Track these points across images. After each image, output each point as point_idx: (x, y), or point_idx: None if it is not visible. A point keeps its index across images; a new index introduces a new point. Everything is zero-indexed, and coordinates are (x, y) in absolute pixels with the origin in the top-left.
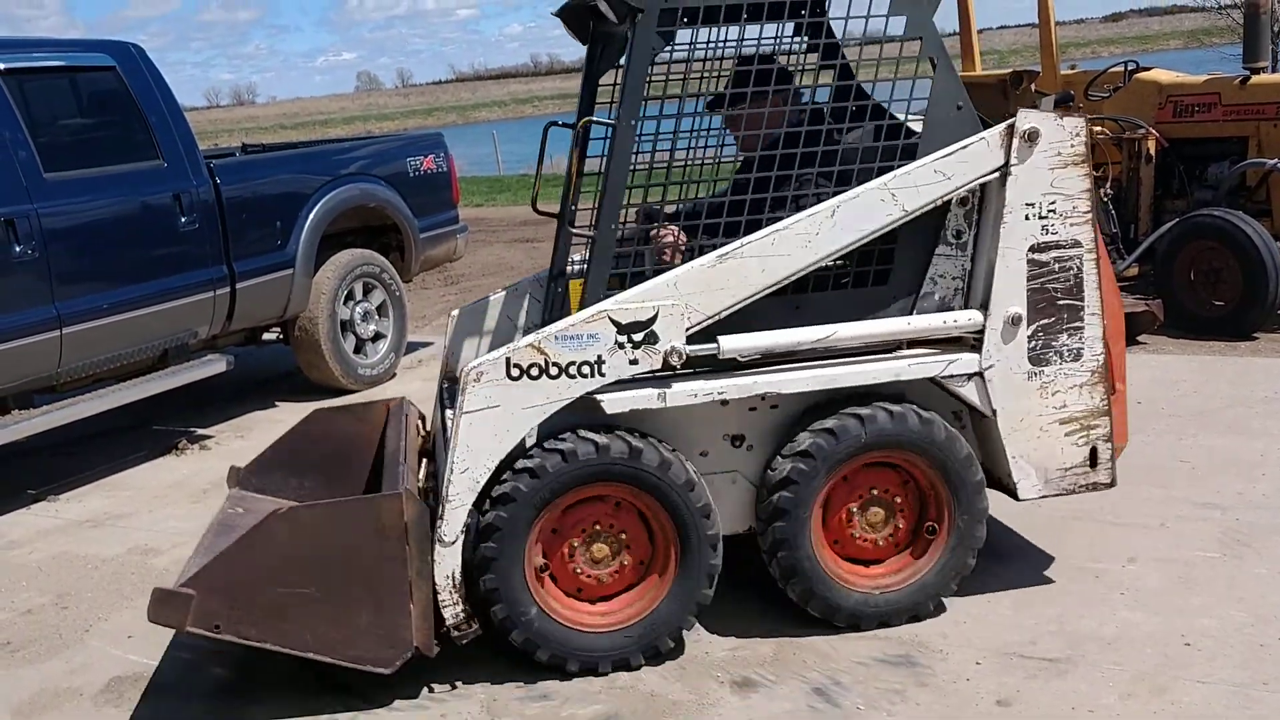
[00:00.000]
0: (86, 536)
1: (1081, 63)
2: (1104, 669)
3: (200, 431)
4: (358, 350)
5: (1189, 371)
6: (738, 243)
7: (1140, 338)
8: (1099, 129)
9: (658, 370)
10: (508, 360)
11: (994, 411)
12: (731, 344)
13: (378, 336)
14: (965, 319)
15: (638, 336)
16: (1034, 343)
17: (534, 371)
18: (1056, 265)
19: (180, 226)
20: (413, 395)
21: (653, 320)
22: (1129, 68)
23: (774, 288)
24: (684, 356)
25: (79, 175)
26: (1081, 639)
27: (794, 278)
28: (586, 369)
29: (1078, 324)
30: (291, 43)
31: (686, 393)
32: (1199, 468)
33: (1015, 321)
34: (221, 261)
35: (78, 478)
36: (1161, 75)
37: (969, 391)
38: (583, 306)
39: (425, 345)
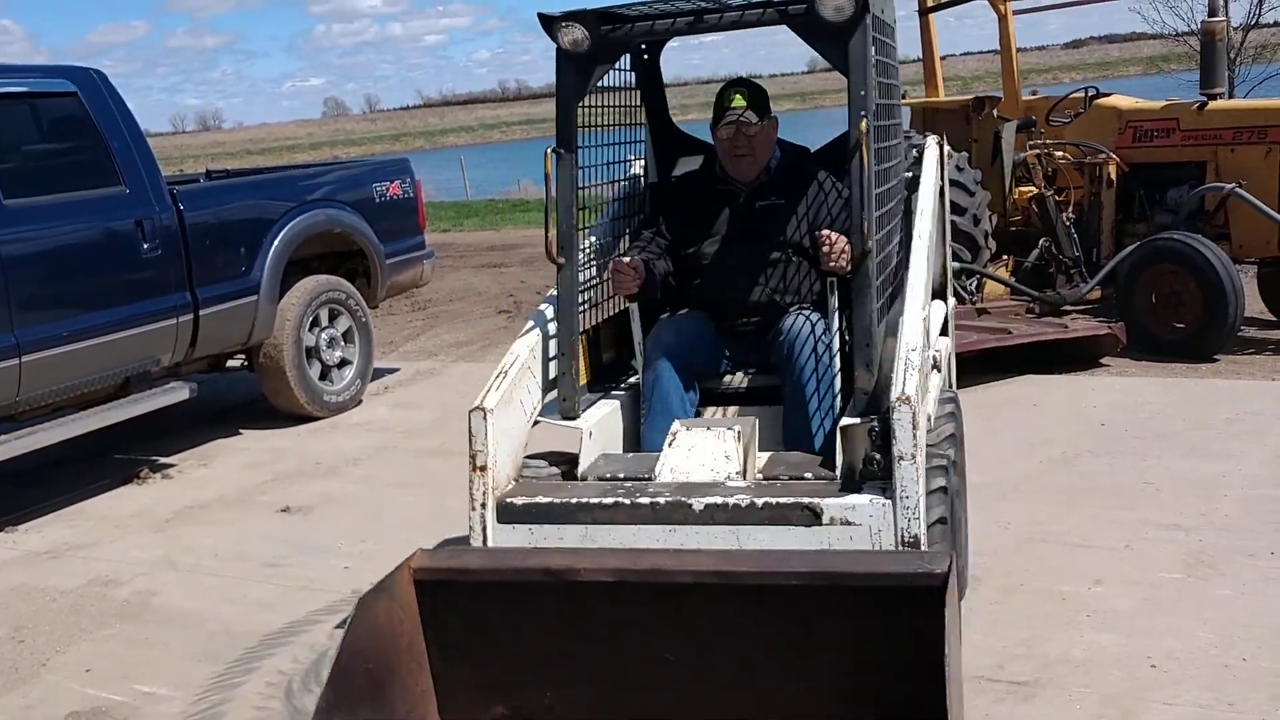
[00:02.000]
0: (45, 568)
1: (1043, 88)
2: (1072, 692)
3: (163, 460)
4: (323, 377)
5: (1152, 394)
6: None
7: (1103, 360)
8: (1061, 154)
9: None
10: None
11: None
12: None
13: (344, 363)
14: None
15: None
16: None
17: None
18: None
19: (143, 253)
20: (378, 423)
21: None
22: (1089, 93)
23: None
24: None
25: (40, 202)
26: (1050, 662)
27: None
28: None
29: None
30: (259, 68)
31: None
32: (1163, 489)
33: None
34: (185, 288)
35: (37, 507)
36: (1121, 101)
37: None
38: None
39: (392, 371)
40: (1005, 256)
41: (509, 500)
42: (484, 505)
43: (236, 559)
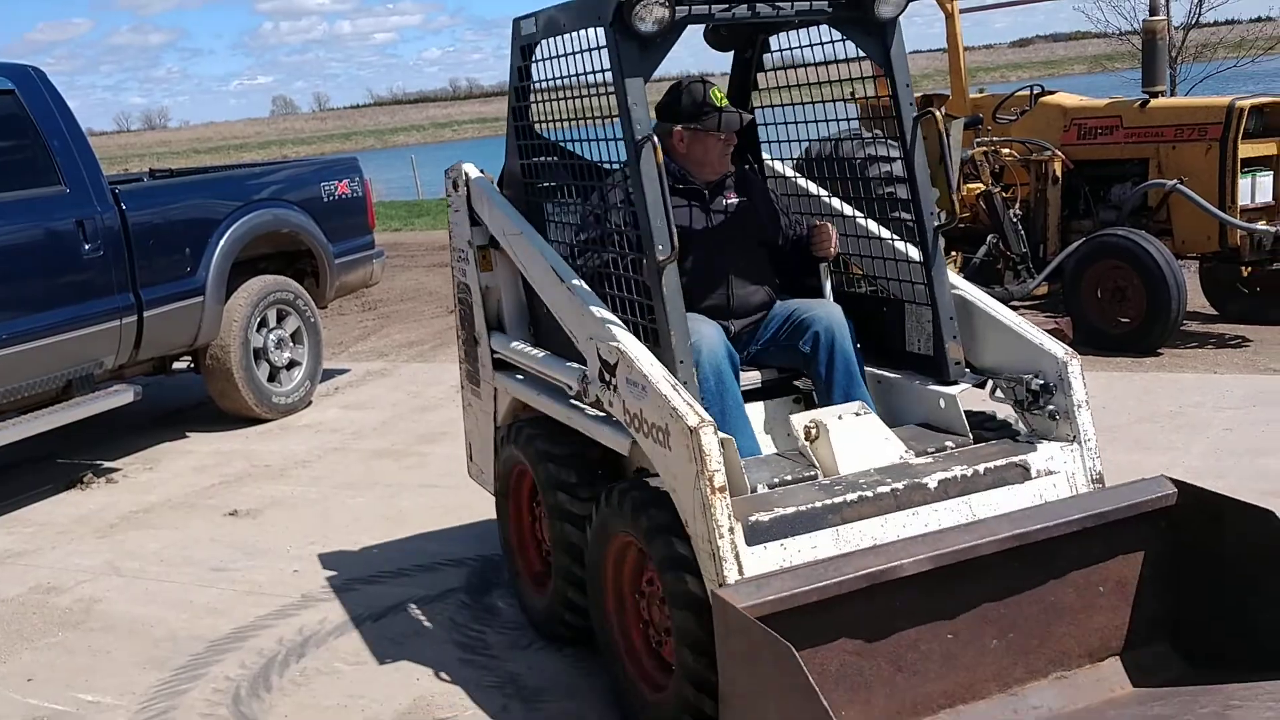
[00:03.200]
0: None
1: (990, 87)
2: None
3: (107, 464)
4: (272, 378)
5: (1097, 388)
6: None
7: None
8: (1007, 151)
9: None
10: None
11: None
12: None
13: (292, 364)
14: None
15: None
16: None
17: None
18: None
19: (84, 254)
20: (328, 424)
21: None
22: (1035, 92)
23: None
24: None
25: None
26: None
27: None
28: None
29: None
30: (205, 66)
31: None
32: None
33: None
34: (128, 289)
35: None
36: (1066, 99)
37: None
38: None
39: (342, 372)
40: (953, 253)
41: (756, 519)
42: (732, 529)
43: (182, 564)
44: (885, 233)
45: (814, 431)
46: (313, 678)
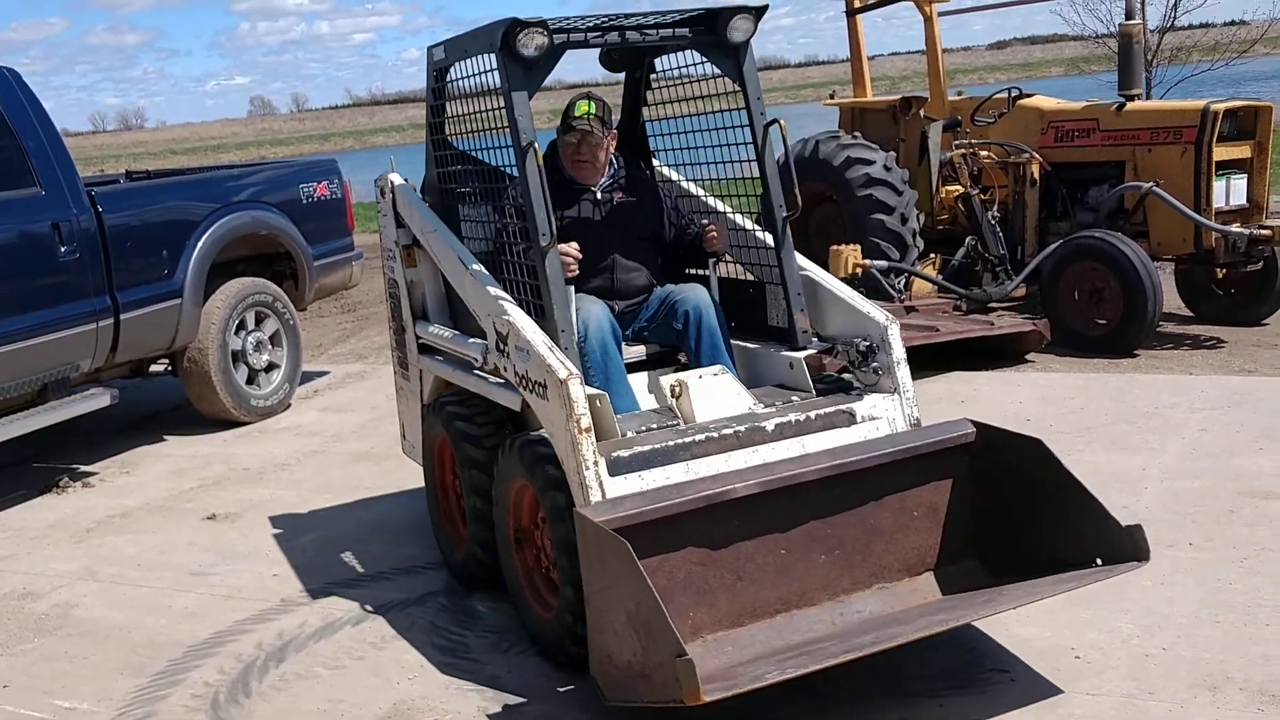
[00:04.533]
0: None
1: (968, 89)
2: (998, 685)
3: (83, 468)
4: (250, 381)
5: (1074, 389)
6: None
7: (1028, 356)
8: (985, 153)
9: None
10: None
11: None
12: None
13: (271, 367)
14: None
15: None
16: None
17: None
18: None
19: (60, 256)
20: (308, 427)
21: None
22: (1013, 94)
23: None
24: None
25: None
26: (977, 656)
27: None
28: None
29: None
30: (182, 66)
31: None
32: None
33: None
34: (104, 292)
35: None
36: (1043, 102)
37: None
38: None
39: (321, 374)
40: (932, 255)
41: (617, 454)
42: (595, 463)
43: (160, 568)
44: (749, 224)
45: (677, 390)
46: (292, 682)
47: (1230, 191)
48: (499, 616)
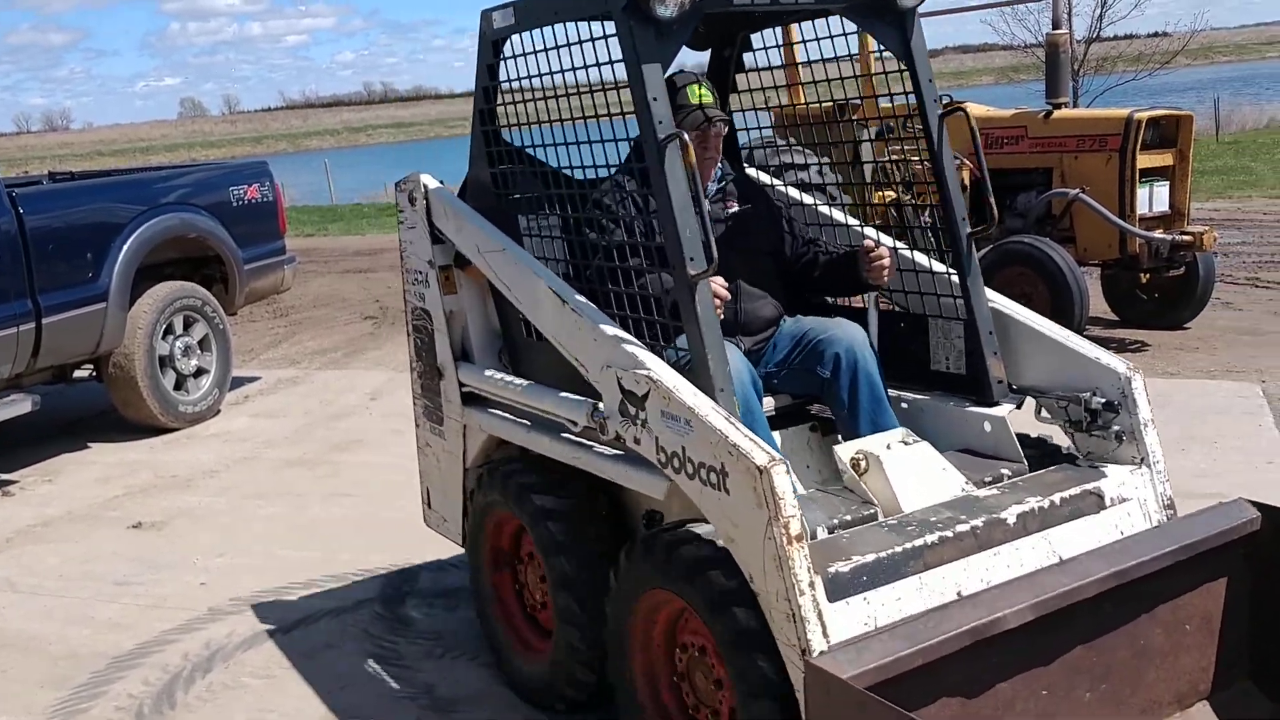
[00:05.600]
0: None
1: (900, 96)
2: None
3: (3, 476)
4: (178, 387)
5: None
6: None
7: None
8: (917, 160)
9: None
10: None
11: None
12: None
13: (200, 372)
14: None
15: None
16: None
17: None
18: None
19: None
20: (237, 433)
21: None
22: (944, 101)
23: None
24: None
25: None
26: None
27: None
28: None
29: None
30: (110, 67)
31: None
32: None
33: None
34: (25, 295)
35: None
36: (974, 109)
37: None
38: None
39: (252, 380)
40: None
41: (835, 569)
42: (812, 584)
43: (83, 579)
44: (889, 240)
45: (863, 464)
46: (219, 693)
47: (1153, 198)
48: (433, 622)
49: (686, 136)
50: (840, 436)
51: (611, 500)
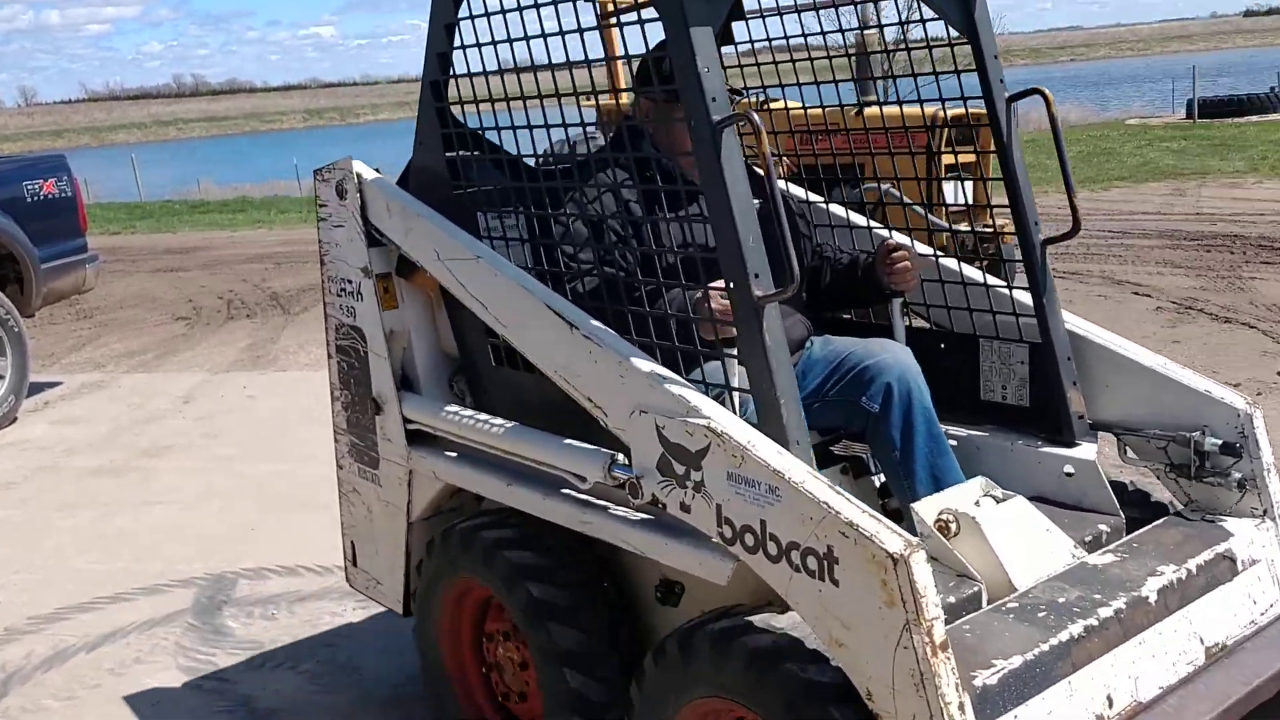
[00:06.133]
0: None
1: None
2: None
3: None
4: None
5: None
6: None
7: None
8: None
9: None
10: None
11: None
12: None
13: None
14: None
15: None
16: None
17: None
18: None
19: None
20: (37, 441)
21: None
22: (761, 99)
23: None
24: None
25: None
26: None
27: None
28: None
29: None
30: None
31: None
32: None
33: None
34: None
35: None
36: (790, 105)
37: None
38: None
39: (53, 385)
40: None
41: (983, 681)
42: (962, 706)
43: None
44: (926, 248)
45: (954, 526)
46: (17, 718)
47: (958, 193)
48: (252, 632)
49: (757, 118)
50: (878, 478)
51: (604, 561)
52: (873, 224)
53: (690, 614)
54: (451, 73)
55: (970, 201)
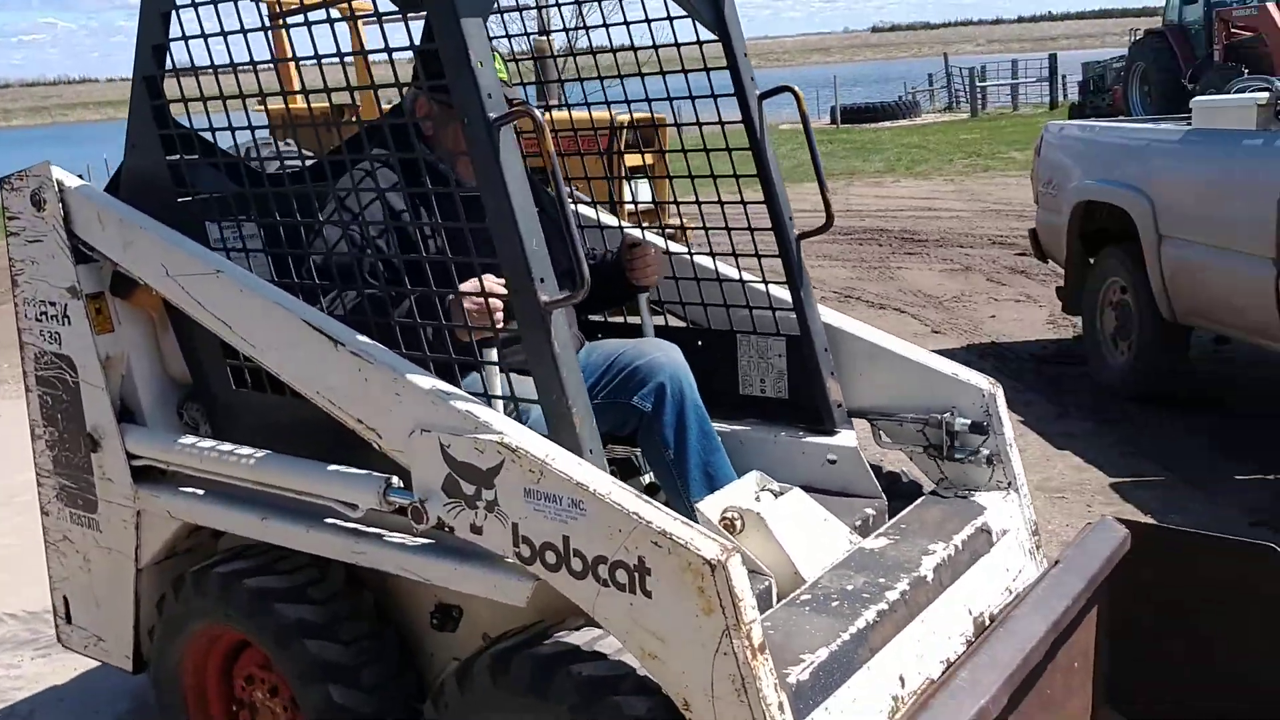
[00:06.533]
0: None
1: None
2: None
3: None
4: None
5: None
6: None
7: None
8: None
9: None
10: None
11: None
12: None
13: None
14: None
15: None
16: None
17: None
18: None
19: None
20: None
21: None
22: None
23: None
24: None
25: None
26: None
27: None
28: None
29: None
30: None
31: None
32: None
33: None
34: None
35: None
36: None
37: None
38: None
39: None
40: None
41: (796, 678)
42: (781, 706)
43: None
44: (679, 246)
45: (738, 523)
46: None
47: (638, 193)
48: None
49: (539, 115)
50: (645, 478)
51: (373, 591)
52: (624, 225)
53: (469, 638)
54: (170, 68)
55: (654, 200)
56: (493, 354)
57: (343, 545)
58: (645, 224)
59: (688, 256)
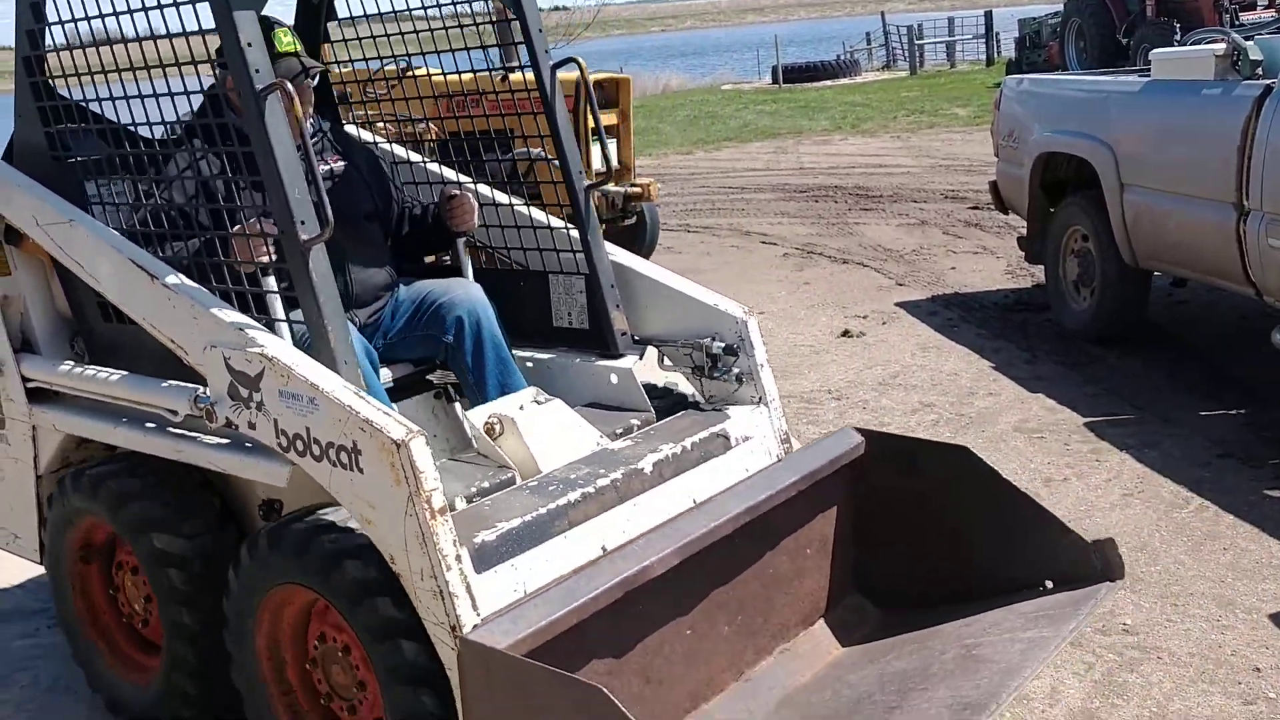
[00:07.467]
0: None
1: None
2: None
3: None
4: None
5: None
6: None
7: None
8: (381, 125)
9: None
10: None
11: None
12: None
13: None
14: None
15: None
16: None
17: None
18: None
19: None
20: None
21: None
22: (401, 68)
23: None
24: None
25: None
26: None
27: None
28: None
29: None
30: None
31: None
32: None
33: None
34: None
35: None
36: (434, 74)
37: None
38: None
39: None
40: None
41: (481, 539)
42: (459, 557)
43: None
44: (504, 197)
45: (497, 427)
46: None
47: (609, 153)
48: None
49: (290, 86)
50: (467, 402)
51: (221, 494)
52: (462, 177)
53: None
54: (44, 47)
55: (615, 162)
56: (270, 282)
57: (169, 445)
58: (614, 184)
59: (510, 206)
